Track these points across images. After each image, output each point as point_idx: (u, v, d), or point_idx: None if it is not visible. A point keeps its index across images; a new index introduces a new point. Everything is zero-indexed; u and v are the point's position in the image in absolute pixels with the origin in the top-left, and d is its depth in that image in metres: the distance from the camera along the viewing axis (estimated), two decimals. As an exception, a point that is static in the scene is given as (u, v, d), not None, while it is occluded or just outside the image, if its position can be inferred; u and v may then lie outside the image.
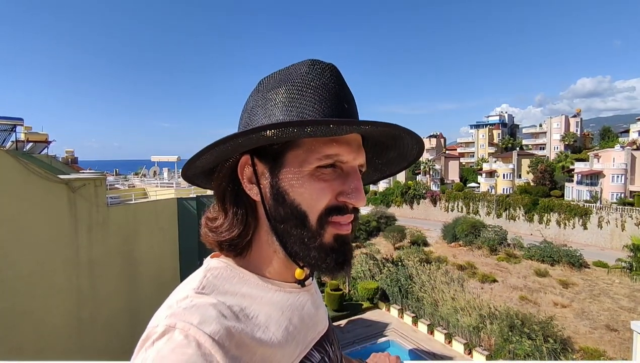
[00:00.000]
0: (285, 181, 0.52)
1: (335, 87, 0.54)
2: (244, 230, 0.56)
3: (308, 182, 0.52)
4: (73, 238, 10.37)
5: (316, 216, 0.52)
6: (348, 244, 0.56)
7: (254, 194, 0.55)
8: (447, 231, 38.16)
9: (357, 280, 28.64)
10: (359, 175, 0.55)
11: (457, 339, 19.47)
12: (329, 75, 0.54)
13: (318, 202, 0.52)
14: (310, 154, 0.51)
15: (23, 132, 16.71)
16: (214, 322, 0.45)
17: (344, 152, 0.52)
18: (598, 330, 21.38)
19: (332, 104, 0.53)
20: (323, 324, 0.65)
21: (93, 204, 10.81)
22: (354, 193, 0.53)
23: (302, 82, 0.53)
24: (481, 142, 68.85)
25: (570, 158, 50.42)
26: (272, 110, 0.53)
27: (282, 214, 0.53)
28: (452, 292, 24.67)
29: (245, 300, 0.52)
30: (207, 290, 0.51)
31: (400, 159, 0.66)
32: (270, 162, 0.53)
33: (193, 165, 0.55)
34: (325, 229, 0.53)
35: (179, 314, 0.45)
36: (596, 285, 26.87)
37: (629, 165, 38.44)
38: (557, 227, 38.48)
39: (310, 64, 0.55)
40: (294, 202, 0.52)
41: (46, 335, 9.42)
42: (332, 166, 0.53)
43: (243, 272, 0.56)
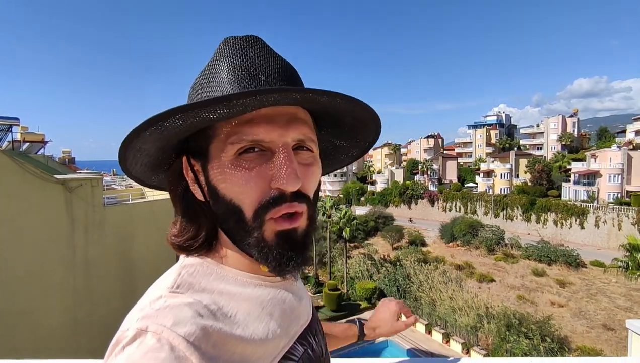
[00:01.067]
0: (212, 176, 0.49)
1: (248, 61, 0.49)
2: (197, 232, 0.53)
3: (231, 171, 0.47)
4: (69, 238, 10.33)
5: (251, 210, 0.48)
6: (296, 240, 0.50)
7: (198, 195, 0.53)
8: (445, 231, 38.25)
9: (355, 280, 28.66)
10: (288, 153, 0.48)
11: (455, 339, 19.51)
12: (239, 49, 0.50)
13: (247, 193, 0.47)
14: (225, 141, 0.47)
15: (19, 132, 16.64)
16: (189, 322, 0.43)
17: (263, 131, 0.47)
18: (595, 329, 21.47)
19: (244, 80, 0.48)
20: (306, 316, 0.64)
21: (89, 204, 10.77)
22: (284, 175, 0.46)
23: (213, 65, 0.50)
24: (479, 142, 69.05)
25: (568, 158, 50.65)
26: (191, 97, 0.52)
27: (221, 211, 0.50)
28: (449, 292, 24.73)
29: (223, 298, 0.50)
30: (182, 288, 0.48)
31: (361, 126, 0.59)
32: (200, 158, 0.51)
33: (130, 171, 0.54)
34: (263, 224, 0.48)
35: (152, 316, 0.43)
36: (593, 284, 26.98)
37: (625, 165, 38.60)
38: (554, 226, 38.61)
39: (222, 42, 0.51)
40: (225, 197, 0.48)
41: (42, 336, 9.38)
42: (255, 151, 0.48)
43: (221, 267, 0.53)
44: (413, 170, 60.41)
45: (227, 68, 0.49)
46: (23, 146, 16.53)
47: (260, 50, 0.51)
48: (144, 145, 0.48)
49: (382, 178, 62.25)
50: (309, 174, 0.51)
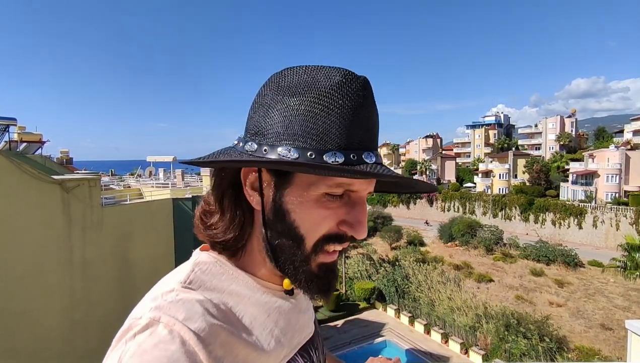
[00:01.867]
0: (289, 200, 0.49)
1: (364, 109, 0.49)
2: (240, 235, 0.54)
3: (313, 206, 0.49)
4: (67, 238, 10.30)
5: (312, 242, 0.50)
6: (333, 272, 0.54)
7: (255, 202, 0.52)
8: (443, 231, 38.29)
9: (354, 281, 28.65)
10: (365, 207, 0.52)
11: (454, 339, 19.52)
12: (360, 94, 0.49)
13: (318, 228, 0.50)
14: (320, 180, 0.48)
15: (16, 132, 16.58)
16: (200, 318, 0.43)
17: (356, 182, 0.49)
18: (593, 329, 21.52)
19: (358, 129, 0.48)
20: (309, 329, 0.64)
21: (87, 205, 10.74)
22: (357, 226, 0.50)
23: (331, 97, 0.48)
24: (477, 142, 69.17)
25: (566, 158, 50.80)
26: (291, 121, 0.48)
27: (280, 230, 0.51)
28: (448, 292, 24.75)
29: (232, 299, 0.50)
30: (194, 285, 0.49)
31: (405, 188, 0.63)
32: (277, 176, 0.50)
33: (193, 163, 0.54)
34: (318, 255, 0.51)
35: (164, 308, 0.43)
36: (591, 284, 27.05)
37: (623, 165, 38.73)
38: (552, 226, 38.70)
39: (344, 76, 0.49)
40: (294, 224, 0.49)
41: (40, 336, 9.35)
42: (340, 194, 0.50)
43: (233, 269, 0.54)
44: (412, 170, 60.46)
45: (347, 109, 0.48)
46: (20, 146, 16.48)
47: (372, 97, 0.51)
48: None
49: (380, 178, 62.20)
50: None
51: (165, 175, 24.06)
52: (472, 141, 70.38)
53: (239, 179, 0.53)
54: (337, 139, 0.47)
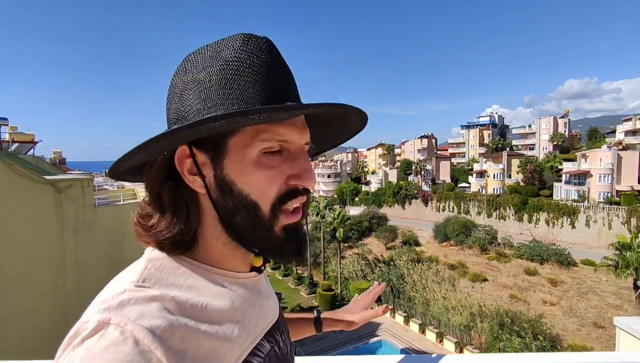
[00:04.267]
0: (230, 171, 0.49)
1: (274, 64, 0.50)
2: (186, 227, 0.51)
3: (255, 169, 0.48)
4: (59, 239, 10.20)
5: (268, 205, 0.50)
6: (300, 232, 0.54)
7: (198, 186, 0.50)
8: (438, 231, 38.45)
9: (349, 281, 28.68)
10: (306, 155, 0.53)
11: (448, 338, 19.61)
12: (266, 51, 0.50)
13: (268, 190, 0.49)
14: (253, 139, 0.48)
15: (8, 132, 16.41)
16: (155, 316, 0.42)
17: (289, 133, 0.49)
18: (586, 327, 21.73)
19: (273, 82, 0.49)
20: (274, 314, 0.64)
21: (80, 205, 10.64)
22: (303, 174, 0.51)
23: (238, 59, 0.48)
24: (472, 143, 69.53)
25: (559, 158, 51.23)
26: (207, 94, 0.48)
27: (232, 206, 0.50)
28: (443, 292, 24.86)
29: (191, 292, 0.49)
30: (148, 282, 0.47)
31: (341, 132, 0.64)
32: (212, 151, 0.49)
33: (124, 163, 0.50)
34: (278, 217, 0.50)
35: (115, 308, 0.41)
36: (584, 283, 27.31)
37: (615, 165, 39.15)
38: (546, 226, 39.02)
39: (245, 38, 0.50)
40: (243, 192, 0.49)
41: (31, 338, 9.24)
42: (277, 150, 0.50)
43: (189, 261, 0.52)
44: (407, 170, 60.65)
45: (257, 67, 0.48)
46: (12, 146, 16.30)
47: (279, 54, 0.52)
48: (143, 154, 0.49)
49: (376, 178, 62.40)
50: None
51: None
52: (467, 141, 70.74)
53: (174, 170, 0.51)
54: (257, 95, 0.47)
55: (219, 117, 0.43)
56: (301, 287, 29.87)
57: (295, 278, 31.35)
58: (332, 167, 71.43)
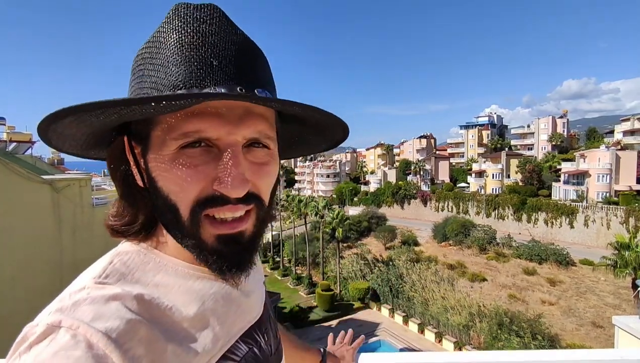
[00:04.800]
0: (152, 166, 0.44)
1: (200, 38, 0.42)
2: (135, 217, 0.49)
3: (171, 166, 0.42)
4: (57, 239, 10.17)
5: (187, 209, 0.43)
6: (238, 244, 0.45)
7: (138, 180, 0.47)
8: (437, 231, 38.47)
9: (348, 281, 28.68)
10: (237, 155, 0.43)
11: (447, 338, 19.63)
12: (192, 23, 0.42)
13: (185, 193, 0.42)
14: (167, 133, 0.42)
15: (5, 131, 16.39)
16: (113, 317, 0.38)
17: (208, 127, 0.41)
18: (584, 326, 21.76)
19: (192, 63, 0.41)
20: (255, 312, 0.58)
21: (78, 205, 10.61)
22: (223, 179, 0.42)
23: (159, 38, 0.43)
24: (471, 143, 69.62)
25: (558, 158, 51.31)
26: (132, 79, 0.45)
27: (159, 204, 0.45)
28: (442, 291, 24.88)
29: (159, 290, 0.45)
30: (110, 279, 0.43)
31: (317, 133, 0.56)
32: (142, 143, 0.45)
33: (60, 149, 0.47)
34: (200, 226, 0.43)
35: (68, 310, 0.38)
36: (582, 282, 27.34)
37: (613, 165, 39.23)
38: (544, 226, 39.06)
39: (173, 10, 0.43)
40: (162, 192, 0.43)
41: (29, 339, 9.23)
42: (200, 145, 0.42)
43: (161, 256, 0.48)
44: (406, 170, 60.68)
45: (175, 44, 0.42)
46: (10, 146, 16.26)
47: (218, 25, 0.43)
48: (65, 131, 0.43)
49: (375, 178, 62.43)
50: (262, 173, 0.46)
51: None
52: (466, 141, 70.82)
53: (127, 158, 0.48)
54: (170, 79, 0.41)
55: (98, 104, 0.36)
56: (300, 287, 29.86)
57: (294, 278, 31.33)
58: (331, 167, 71.47)
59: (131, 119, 0.43)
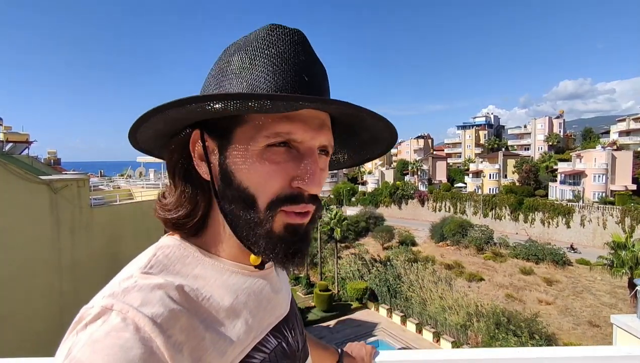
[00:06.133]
0: (232, 160, 0.48)
1: (295, 56, 0.48)
2: (193, 210, 0.52)
3: (256, 162, 0.47)
4: (55, 240, 10.13)
5: (266, 202, 0.48)
6: (302, 235, 0.50)
7: (204, 173, 0.51)
8: (435, 231, 38.58)
9: (346, 281, 28.70)
10: (316, 158, 0.49)
11: (445, 337, 19.69)
12: (288, 42, 0.49)
13: (268, 186, 0.47)
14: (258, 131, 0.46)
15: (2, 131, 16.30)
16: (158, 304, 0.42)
17: (297, 130, 0.47)
18: (581, 326, 21.89)
19: (289, 75, 0.47)
20: (283, 308, 0.62)
21: (76, 206, 10.58)
22: (307, 178, 0.48)
23: (257, 49, 0.48)
24: (468, 143, 69.89)
25: (554, 158, 51.54)
26: (222, 80, 0.49)
27: (230, 196, 0.49)
28: (440, 291, 24.95)
29: (197, 282, 0.48)
30: (154, 269, 0.47)
31: (373, 142, 0.61)
32: (219, 138, 0.49)
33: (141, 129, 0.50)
34: (275, 216, 0.48)
35: (119, 295, 0.42)
36: (579, 282, 27.52)
37: (609, 165, 39.49)
38: (541, 225, 39.27)
39: (270, 28, 0.50)
40: (242, 185, 0.48)
41: (27, 340, 9.16)
42: (284, 145, 0.47)
43: (197, 251, 0.52)
44: (403, 170, 60.81)
45: (274, 57, 0.47)
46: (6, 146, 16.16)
47: (306, 47, 0.50)
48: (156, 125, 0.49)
49: (372, 178, 62.50)
50: (323, 178, 0.52)
51: (155, 176, 23.84)
52: (463, 142, 71.08)
53: (189, 152, 0.52)
54: (269, 84, 0.46)
55: (207, 97, 0.41)
56: (298, 287, 29.86)
57: (292, 278, 31.32)
58: (329, 167, 71.43)
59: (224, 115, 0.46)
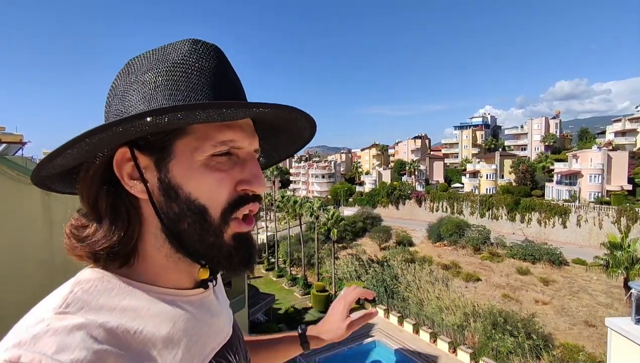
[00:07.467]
0: (177, 173, 0.46)
1: (222, 70, 0.50)
2: (126, 235, 0.47)
3: (204, 172, 0.47)
4: (47, 241, 10.03)
5: (219, 210, 0.48)
6: (250, 241, 0.52)
7: (139, 192, 0.47)
8: (432, 231, 38.61)
9: (343, 281, 28.67)
10: (256, 161, 0.52)
11: (442, 338, 19.65)
12: (215, 57, 0.50)
13: (218, 194, 0.47)
14: (203, 142, 0.46)
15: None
16: (78, 347, 0.36)
17: (239, 138, 0.49)
18: (577, 326, 21.93)
19: (222, 87, 0.48)
20: (225, 332, 0.59)
21: (69, 206, 10.40)
22: (253, 180, 0.50)
23: (186, 63, 0.47)
24: (465, 143, 70.04)
25: (550, 158, 51.79)
26: (152, 95, 0.46)
27: (177, 211, 0.47)
28: (437, 291, 24.95)
29: (126, 315, 0.43)
30: (72, 308, 0.40)
31: (290, 143, 0.63)
32: (156, 153, 0.46)
33: (49, 165, 0.45)
34: (228, 224, 0.48)
35: (27, 344, 0.35)
36: (575, 282, 27.60)
37: (605, 165, 39.69)
38: (538, 225, 39.38)
39: (193, 43, 0.49)
40: (190, 197, 0.46)
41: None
42: (227, 154, 0.48)
43: (125, 281, 0.46)
44: (400, 170, 60.91)
45: (207, 72, 0.48)
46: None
47: (227, 60, 0.52)
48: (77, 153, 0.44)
49: (370, 179, 62.54)
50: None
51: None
52: (460, 142, 71.23)
53: (112, 175, 0.47)
54: (204, 98, 0.46)
55: (165, 109, 0.40)
56: (295, 288, 29.79)
57: (289, 279, 31.26)
58: (326, 168, 71.48)
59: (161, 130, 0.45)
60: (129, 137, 0.44)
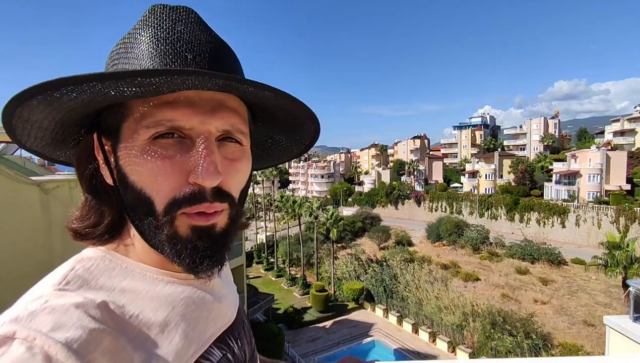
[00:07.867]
0: (122, 160, 0.43)
1: (174, 34, 0.43)
2: (99, 219, 0.47)
3: (144, 159, 0.41)
4: (46, 242, 10.01)
5: (163, 204, 0.41)
6: (214, 237, 0.44)
7: (107, 178, 0.45)
8: (431, 231, 38.63)
9: (343, 281, 28.69)
10: (209, 145, 0.42)
11: (441, 337, 19.68)
12: (167, 20, 0.43)
13: (159, 185, 0.41)
14: (138, 122, 0.41)
15: (-6, 132, 16.08)
16: (74, 326, 0.35)
17: (181, 116, 0.40)
18: (576, 325, 21.97)
19: (167, 55, 0.41)
20: (227, 317, 0.56)
21: (68, 206, 10.34)
22: (198, 170, 0.41)
23: (131, 35, 0.44)
24: (464, 143, 70.08)
25: (549, 158, 51.86)
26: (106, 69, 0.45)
27: (130, 201, 0.43)
28: (436, 291, 24.98)
29: (125, 296, 0.42)
30: (71, 286, 0.40)
31: (290, 139, 0.57)
32: (112, 138, 0.44)
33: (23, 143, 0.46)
34: (174, 220, 0.42)
35: (23, 320, 0.35)
36: (574, 281, 27.64)
37: (604, 165, 39.75)
38: (537, 225, 39.41)
39: (151, 8, 0.44)
40: (135, 186, 0.42)
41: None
42: (173, 136, 0.41)
43: (127, 261, 0.46)
44: (400, 170, 60.90)
45: (149, 39, 0.42)
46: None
47: (192, 24, 0.45)
48: (32, 116, 0.40)
49: (369, 179, 62.55)
50: (232, 169, 0.45)
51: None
52: (459, 142, 71.27)
53: (95, 158, 0.47)
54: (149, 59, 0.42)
55: (68, 80, 0.34)
56: (294, 288, 29.80)
57: (289, 279, 31.27)
58: (325, 168, 71.47)
59: (103, 104, 0.42)
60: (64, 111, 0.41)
